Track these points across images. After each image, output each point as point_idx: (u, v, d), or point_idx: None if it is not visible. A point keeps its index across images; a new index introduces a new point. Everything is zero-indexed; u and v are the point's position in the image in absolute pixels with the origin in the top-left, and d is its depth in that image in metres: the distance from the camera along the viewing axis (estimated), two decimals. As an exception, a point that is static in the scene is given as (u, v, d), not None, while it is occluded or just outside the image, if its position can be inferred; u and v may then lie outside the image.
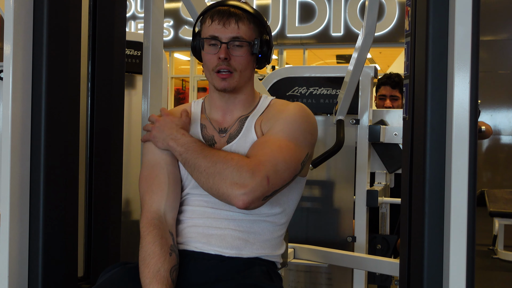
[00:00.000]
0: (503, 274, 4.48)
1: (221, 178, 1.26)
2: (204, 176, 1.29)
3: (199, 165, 1.30)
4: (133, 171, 2.72)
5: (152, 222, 1.35)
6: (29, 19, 1.41)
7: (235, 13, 1.38)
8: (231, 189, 1.25)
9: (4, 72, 1.38)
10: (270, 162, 1.28)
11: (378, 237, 2.61)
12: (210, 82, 1.44)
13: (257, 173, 1.25)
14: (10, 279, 1.38)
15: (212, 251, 1.35)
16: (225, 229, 1.36)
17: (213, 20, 1.38)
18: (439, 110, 1.22)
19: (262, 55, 1.44)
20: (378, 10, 1.82)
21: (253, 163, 1.27)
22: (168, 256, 1.30)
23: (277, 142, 1.33)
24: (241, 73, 1.40)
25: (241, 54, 1.39)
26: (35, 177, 1.42)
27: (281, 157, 1.30)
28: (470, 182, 1.16)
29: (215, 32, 1.38)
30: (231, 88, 1.40)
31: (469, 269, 1.16)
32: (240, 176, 1.25)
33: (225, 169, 1.27)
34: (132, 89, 2.85)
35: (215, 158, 1.30)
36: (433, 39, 1.23)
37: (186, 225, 1.40)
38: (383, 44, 8.85)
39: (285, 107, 1.44)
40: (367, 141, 2.40)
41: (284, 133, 1.35)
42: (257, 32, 1.42)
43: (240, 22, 1.38)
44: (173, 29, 9.90)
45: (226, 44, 1.37)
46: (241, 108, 1.46)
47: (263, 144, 1.34)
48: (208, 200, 1.38)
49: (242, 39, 1.38)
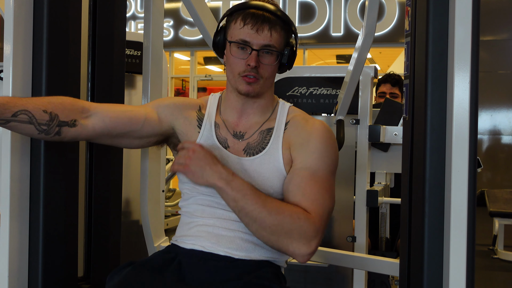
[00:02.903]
0: (503, 274, 4.48)
1: (287, 237, 1.25)
2: (268, 232, 1.26)
3: (262, 220, 1.25)
4: (133, 171, 2.72)
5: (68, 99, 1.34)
6: (29, 19, 1.41)
7: (269, 19, 1.35)
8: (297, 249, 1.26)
9: (4, 72, 1.38)
10: (326, 213, 1.31)
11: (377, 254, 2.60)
12: (233, 85, 1.40)
13: (320, 231, 1.27)
14: (10, 279, 1.38)
15: (221, 252, 1.34)
16: (235, 231, 1.35)
17: (245, 23, 1.35)
18: (439, 110, 1.22)
19: (288, 63, 1.43)
20: (378, 10, 1.81)
21: (316, 219, 1.27)
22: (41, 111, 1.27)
23: (323, 182, 1.34)
24: (267, 80, 1.39)
25: (270, 62, 1.37)
26: (35, 177, 1.42)
27: (330, 202, 1.34)
28: (470, 182, 1.16)
29: (247, 36, 1.34)
30: (255, 93, 1.39)
31: (469, 269, 1.16)
32: (306, 236, 1.25)
33: (292, 229, 1.25)
34: (132, 89, 2.85)
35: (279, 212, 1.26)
36: (433, 39, 1.23)
37: (195, 223, 1.39)
38: (383, 44, 8.85)
39: (313, 130, 1.40)
40: (367, 141, 2.39)
41: (325, 170, 1.36)
42: (287, 39, 1.40)
43: (273, 29, 1.35)
44: (173, 29, 9.90)
45: (257, 51, 1.34)
46: (259, 113, 1.44)
47: (313, 185, 1.32)
48: (218, 202, 1.36)
49: (274, 48, 1.36)
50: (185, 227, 1.42)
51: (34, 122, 1.27)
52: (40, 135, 1.30)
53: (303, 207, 1.29)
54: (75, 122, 1.32)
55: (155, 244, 1.84)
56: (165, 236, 1.90)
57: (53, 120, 1.29)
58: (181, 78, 11.26)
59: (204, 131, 1.44)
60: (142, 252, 1.98)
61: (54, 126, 1.29)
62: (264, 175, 1.37)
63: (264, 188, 1.35)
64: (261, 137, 1.41)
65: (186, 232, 1.40)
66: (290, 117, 1.45)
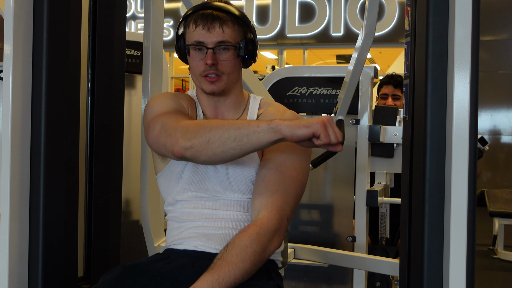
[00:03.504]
0: (503, 274, 4.47)
1: (266, 255, 1.28)
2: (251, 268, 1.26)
3: (241, 273, 1.24)
4: (133, 171, 2.72)
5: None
6: (29, 19, 1.41)
7: (219, 16, 1.37)
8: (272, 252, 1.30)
9: (4, 72, 1.38)
10: (288, 203, 1.33)
11: (378, 249, 2.61)
12: (198, 86, 1.44)
13: (279, 225, 1.30)
14: (10, 279, 1.38)
15: (212, 250, 1.35)
16: (224, 228, 1.37)
17: (197, 25, 1.37)
18: (439, 110, 1.22)
19: (248, 56, 1.43)
20: (378, 10, 1.81)
21: (271, 216, 1.29)
22: None
23: (289, 171, 1.35)
24: (229, 75, 1.40)
25: (227, 58, 1.38)
26: (35, 177, 1.42)
27: (294, 188, 1.35)
28: (470, 182, 1.16)
29: (200, 37, 1.36)
30: (219, 91, 1.40)
31: (469, 269, 1.16)
32: (270, 245, 1.28)
33: (264, 250, 1.27)
34: (132, 89, 2.85)
35: (244, 259, 1.25)
36: (433, 39, 1.23)
37: (185, 227, 1.40)
38: (383, 44, 8.85)
39: (285, 118, 1.39)
40: (367, 141, 2.39)
41: (292, 158, 1.36)
42: (242, 32, 1.41)
43: (224, 25, 1.36)
44: (173, 29, 9.89)
45: (212, 49, 1.36)
46: (232, 110, 1.46)
47: (277, 175, 1.34)
48: (205, 203, 1.39)
49: (228, 43, 1.37)
50: (175, 232, 1.43)
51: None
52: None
53: (263, 201, 1.32)
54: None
55: (155, 244, 1.84)
56: (165, 236, 1.90)
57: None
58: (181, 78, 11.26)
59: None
60: (142, 252, 1.98)
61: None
62: (242, 166, 1.39)
63: (244, 179, 1.38)
64: None
65: (177, 237, 1.41)
66: (262, 110, 1.47)
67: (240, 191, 1.39)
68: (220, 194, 1.40)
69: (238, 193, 1.39)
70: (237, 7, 1.42)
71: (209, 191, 1.40)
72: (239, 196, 1.39)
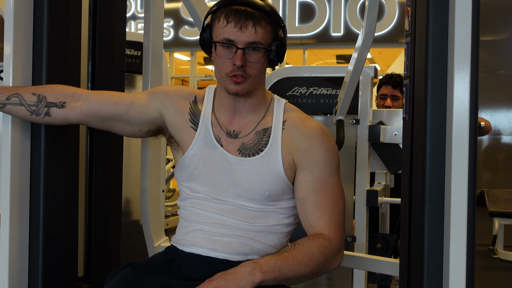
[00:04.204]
0: (503, 274, 4.47)
1: (324, 268, 1.33)
2: (310, 276, 1.31)
3: (303, 274, 1.28)
4: (133, 171, 2.72)
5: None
6: (29, 19, 1.41)
7: (253, 14, 1.29)
8: (333, 268, 1.35)
9: (4, 72, 1.38)
10: (342, 219, 1.38)
11: (378, 236, 2.61)
12: (222, 84, 1.37)
13: (342, 242, 1.37)
14: (10, 279, 1.38)
15: (219, 256, 1.34)
16: (231, 236, 1.35)
17: (228, 21, 1.29)
18: (439, 110, 1.22)
19: (277, 58, 1.38)
20: (378, 10, 1.81)
21: (336, 236, 1.35)
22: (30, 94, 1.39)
23: (335, 189, 1.39)
24: (255, 78, 1.34)
25: (257, 59, 1.32)
26: (35, 177, 1.42)
27: (342, 204, 1.40)
28: (470, 182, 1.16)
29: (231, 35, 1.29)
30: (244, 92, 1.34)
31: (469, 269, 1.16)
32: (335, 258, 1.35)
33: (325, 262, 1.32)
34: (132, 89, 2.85)
35: (311, 258, 1.29)
36: (433, 39, 1.22)
37: (191, 228, 1.39)
38: (383, 44, 8.85)
39: (314, 135, 1.40)
40: (367, 141, 2.39)
41: (333, 175, 1.40)
42: (274, 33, 1.35)
43: (257, 25, 1.29)
44: (173, 29, 9.89)
45: (242, 50, 1.30)
46: (252, 112, 1.41)
47: (327, 197, 1.37)
48: (214, 205, 1.37)
49: (260, 45, 1.31)
50: (182, 230, 1.42)
51: (24, 103, 1.38)
52: (32, 117, 1.40)
53: (323, 224, 1.35)
54: (63, 104, 1.41)
55: (155, 244, 1.84)
56: (165, 236, 1.90)
57: (41, 101, 1.39)
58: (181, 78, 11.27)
59: (202, 130, 1.41)
60: (142, 252, 1.98)
61: (42, 106, 1.39)
62: (261, 177, 1.36)
63: (261, 190, 1.35)
64: (257, 137, 1.39)
65: (183, 236, 1.40)
66: (287, 116, 1.42)
67: (254, 200, 1.36)
68: (231, 200, 1.37)
69: (251, 202, 1.36)
70: (270, 4, 1.35)
71: (221, 195, 1.37)
72: (251, 205, 1.36)
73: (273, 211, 1.38)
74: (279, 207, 1.39)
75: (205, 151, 1.39)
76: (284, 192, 1.38)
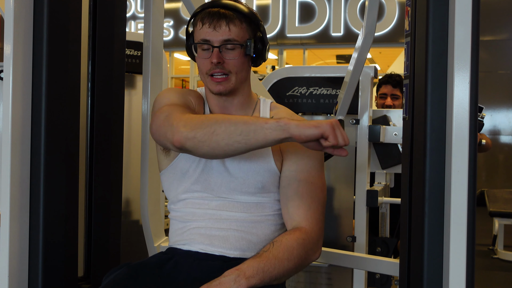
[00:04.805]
0: (503, 274, 4.48)
1: (305, 262, 1.33)
2: (294, 271, 1.31)
3: (287, 271, 1.29)
4: (133, 171, 2.72)
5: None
6: (29, 19, 1.41)
7: (226, 14, 1.35)
8: (312, 261, 1.36)
9: (4, 72, 1.38)
10: (321, 213, 1.39)
11: (377, 240, 2.61)
12: (205, 86, 1.43)
13: (320, 236, 1.37)
14: (10, 279, 1.38)
15: (216, 252, 1.35)
16: (228, 229, 1.36)
17: (203, 23, 1.36)
18: (439, 110, 1.22)
19: (257, 55, 1.42)
20: (378, 10, 1.81)
21: (315, 229, 1.36)
22: None
23: (317, 182, 1.40)
24: (237, 75, 1.38)
25: (234, 56, 1.36)
26: (35, 177, 1.42)
27: (323, 197, 1.41)
28: (470, 182, 1.16)
29: (206, 35, 1.35)
30: (227, 91, 1.39)
31: (469, 269, 1.16)
32: (314, 251, 1.35)
33: (306, 256, 1.32)
34: (132, 89, 2.85)
35: (291, 253, 1.29)
36: (433, 39, 1.23)
37: (188, 227, 1.40)
38: (383, 44, 8.85)
39: None
40: (367, 141, 2.39)
41: (316, 168, 1.41)
42: (250, 31, 1.39)
43: (231, 23, 1.35)
44: (173, 29, 9.90)
45: (218, 48, 1.35)
46: (240, 110, 1.45)
47: (308, 188, 1.39)
48: (209, 203, 1.39)
49: (234, 41, 1.35)
50: (178, 232, 1.43)
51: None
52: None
53: (301, 213, 1.37)
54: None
55: (155, 244, 1.84)
56: (165, 236, 1.90)
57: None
58: (181, 78, 11.27)
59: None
60: (142, 252, 1.98)
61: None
62: (254, 170, 1.39)
63: (255, 182, 1.38)
64: None
65: (179, 237, 1.41)
66: (273, 113, 1.47)
67: (248, 193, 1.39)
68: (225, 195, 1.39)
69: (246, 195, 1.39)
70: (246, 5, 1.41)
71: (215, 191, 1.39)
72: (246, 198, 1.39)
73: (267, 201, 1.41)
74: (273, 198, 1.42)
75: None
76: (275, 184, 1.41)
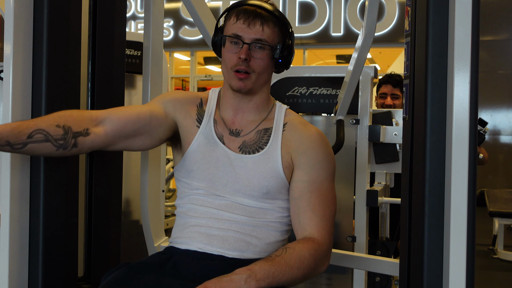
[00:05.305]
0: (503, 274, 4.48)
1: (315, 271, 1.34)
2: (302, 279, 1.31)
3: (296, 278, 1.28)
4: (133, 171, 2.72)
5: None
6: (29, 19, 1.41)
7: (262, 14, 1.37)
8: (322, 270, 1.37)
9: (4, 72, 1.38)
10: (332, 223, 1.40)
11: (377, 243, 2.61)
12: (227, 81, 1.43)
13: (330, 245, 1.38)
14: (10, 279, 1.38)
15: (214, 252, 1.35)
16: (227, 230, 1.36)
17: (238, 18, 1.38)
18: (439, 110, 1.22)
19: (282, 60, 1.44)
20: (378, 10, 1.81)
21: (326, 238, 1.36)
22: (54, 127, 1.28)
23: (328, 193, 1.41)
24: (259, 75, 1.40)
25: (261, 57, 1.38)
26: (35, 177, 1.42)
27: (334, 207, 1.42)
28: (470, 182, 1.16)
29: (239, 31, 1.37)
30: (246, 90, 1.40)
31: (469, 269, 1.16)
32: (324, 261, 1.36)
33: (316, 265, 1.32)
34: (132, 89, 2.85)
35: (302, 261, 1.29)
36: (433, 39, 1.23)
37: (188, 224, 1.41)
38: (383, 44, 8.85)
39: (313, 138, 1.44)
40: (367, 141, 2.39)
41: (328, 180, 1.42)
42: (281, 36, 1.41)
43: (265, 24, 1.37)
44: (173, 29, 9.89)
45: (248, 45, 1.36)
46: (254, 112, 1.46)
47: (320, 199, 1.39)
48: (212, 201, 1.39)
49: (265, 42, 1.37)
50: (179, 228, 1.44)
51: (51, 138, 1.28)
52: (58, 151, 1.30)
53: (313, 225, 1.37)
54: (87, 130, 1.33)
55: (155, 244, 1.84)
56: (165, 236, 1.90)
57: (68, 133, 1.30)
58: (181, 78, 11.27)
59: (204, 127, 1.45)
60: (142, 252, 1.98)
61: (69, 138, 1.30)
62: (261, 174, 1.39)
63: (259, 186, 1.38)
64: (258, 136, 1.43)
65: (180, 234, 1.42)
66: (287, 119, 1.47)
67: (252, 196, 1.39)
68: (229, 195, 1.39)
69: (249, 199, 1.39)
70: (281, 12, 1.43)
71: (219, 190, 1.40)
72: (249, 201, 1.39)
73: (270, 208, 1.40)
74: (277, 205, 1.41)
75: (206, 147, 1.43)
76: (281, 191, 1.41)
